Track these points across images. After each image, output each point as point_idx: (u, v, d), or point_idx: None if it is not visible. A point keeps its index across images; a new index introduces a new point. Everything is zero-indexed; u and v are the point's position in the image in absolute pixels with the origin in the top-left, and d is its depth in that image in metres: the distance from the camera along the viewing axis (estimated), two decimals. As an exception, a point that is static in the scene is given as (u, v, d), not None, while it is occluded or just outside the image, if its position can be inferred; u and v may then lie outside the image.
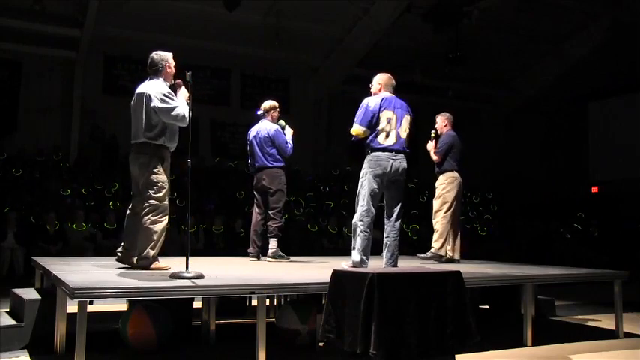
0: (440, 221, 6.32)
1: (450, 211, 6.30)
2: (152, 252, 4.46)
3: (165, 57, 4.66)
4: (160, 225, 4.49)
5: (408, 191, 6.97)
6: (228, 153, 15.43)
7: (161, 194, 4.51)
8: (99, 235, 10.04)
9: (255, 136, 6.29)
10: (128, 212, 4.74)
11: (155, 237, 4.45)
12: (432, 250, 6.25)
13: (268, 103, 6.47)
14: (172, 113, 4.47)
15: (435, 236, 6.30)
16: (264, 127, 6.28)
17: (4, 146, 12.88)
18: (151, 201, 4.47)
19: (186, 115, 4.47)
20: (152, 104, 4.47)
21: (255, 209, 6.35)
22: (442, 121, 6.67)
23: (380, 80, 5.13)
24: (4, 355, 3.98)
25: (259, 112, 6.46)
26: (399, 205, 5.02)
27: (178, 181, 12.07)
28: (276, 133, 6.22)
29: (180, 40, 13.71)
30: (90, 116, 13.91)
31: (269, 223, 6.18)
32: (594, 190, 17.01)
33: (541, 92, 17.76)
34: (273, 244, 6.12)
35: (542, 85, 17.76)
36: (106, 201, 11.40)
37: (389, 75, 5.16)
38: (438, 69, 15.49)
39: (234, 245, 10.14)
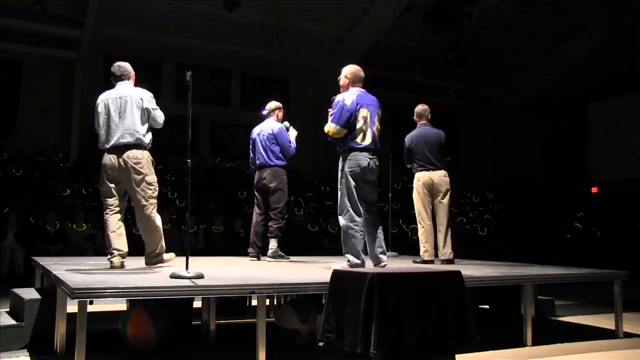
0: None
1: (419, 216, 6.15)
2: (163, 245, 4.75)
3: (127, 64, 5.03)
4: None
5: (409, 191, 6.91)
6: (228, 153, 15.44)
7: (157, 192, 4.81)
8: (99, 235, 10.00)
9: (259, 134, 6.29)
10: (111, 215, 4.76)
11: (161, 231, 4.76)
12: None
13: (274, 104, 6.50)
14: (158, 113, 4.80)
15: None
16: (268, 126, 6.29)
17: (4, 146, 12.89)
18: (151, 200, 4.72)
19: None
20: (145, 106, 4.74)
21: (256, 209, 6.34)
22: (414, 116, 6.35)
23: (348, 74, 4.85)
24: (4, 355, 3.97)
25: (264, 112, 6.47)
26: (375, 200, 4.96)
27: (178, 181, 12.12)
28: (280, 131, 6.24)
29: (180, 40, 13.74)
30: (90, 116, 13.88)
31: (270, 224, 6.18)
32: (594, 190, 17.02)
33: (541, 92, 17.76)
34: (273, 244, 6.12)
35: (542, 85, 17.76)
36: (106, 201, 11.39)
37: (358, 67, 4.88)
38: (438, 69, 15.48)
39: (234, 245, 10.12)
